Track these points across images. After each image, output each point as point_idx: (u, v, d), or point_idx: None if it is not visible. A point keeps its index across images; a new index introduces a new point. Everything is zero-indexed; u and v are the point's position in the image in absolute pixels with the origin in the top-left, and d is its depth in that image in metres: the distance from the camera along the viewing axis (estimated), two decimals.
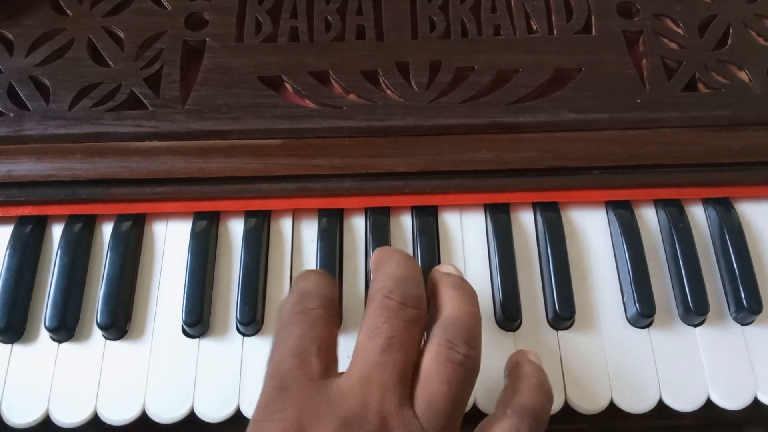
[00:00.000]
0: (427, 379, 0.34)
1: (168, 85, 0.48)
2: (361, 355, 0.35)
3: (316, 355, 0.35)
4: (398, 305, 0.36)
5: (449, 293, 0.38)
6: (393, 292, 0.36)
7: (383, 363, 0.34)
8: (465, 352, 0.35)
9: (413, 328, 0.36)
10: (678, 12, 0.52)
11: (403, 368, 0.34)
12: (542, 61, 0.50)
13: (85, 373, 0.43)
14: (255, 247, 0.46)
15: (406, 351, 0.35)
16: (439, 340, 0.36)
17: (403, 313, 0.36)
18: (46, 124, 0.47)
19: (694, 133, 0.48)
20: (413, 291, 0.37)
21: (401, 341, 0.35)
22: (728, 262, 0.45)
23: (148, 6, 0.52)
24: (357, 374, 0.34)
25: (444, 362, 0.35)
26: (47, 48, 0.50)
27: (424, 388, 0.34)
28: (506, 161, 0.47)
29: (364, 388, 0.33)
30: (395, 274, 0.38)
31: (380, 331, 0.35)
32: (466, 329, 0.36)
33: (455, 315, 0.37)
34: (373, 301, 0.37)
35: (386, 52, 0.50)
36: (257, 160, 0.46)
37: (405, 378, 0.34)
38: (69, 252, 0.46)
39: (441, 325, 0.36)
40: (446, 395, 0.34)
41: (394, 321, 0.35)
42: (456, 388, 0.34)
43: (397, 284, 0.37)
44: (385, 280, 0.37)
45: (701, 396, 0.43)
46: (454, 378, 0.34)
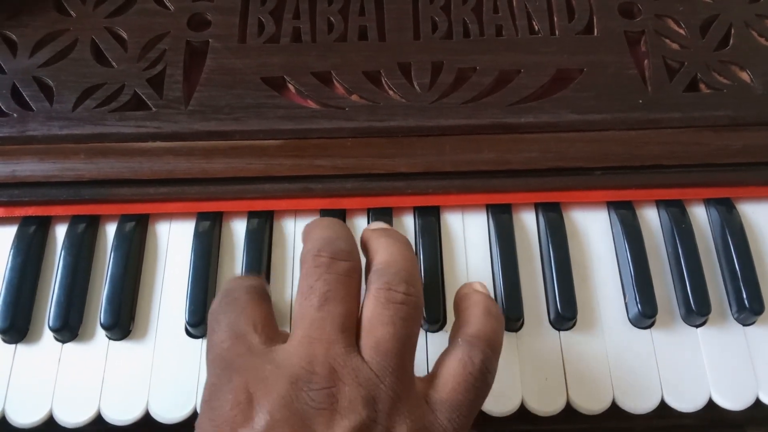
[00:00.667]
0: (370, 324, 0.34)
1: (171, 85, 0.49)
2: (300, 317, 0.35)
3: (254, 331, 0.35)
4: (329, 260, 0.36)
5: (380, 242, 0.38)
6: (322, 250, 0.36)
7: (322, 318, 0.34)
8: (405, 290, 0.35)
9: (347, 279, 0.36)
10: (680, 12, 0.52)
11: (344, 319, 0.34)
12: (544, 61, 0.50)
13: (88, 373, 0.43)
14: (257, 247, 0.46)
15: (343, 302, 0.35)
16: (376, 285, 0.36)
17: (335, 267, 0.36)
18: (50, 125, 0.47)
19: (696, 133, 0.48)
20: (342, 245, 0.37)
21: (337, 294, 0.35)
22: (730, 263, 0.46)
23: (151, 7, 0.52)
24: (298, 335, 0.34)
25: (385, 304, 0.35)
26: (50, 49, 0.50)
27: (368, 334, 0.34)
28: (508, 162, 0.47)
29: (308, 346, 0.33)
30: (323, 235, 0.38)
31: (314, 289, 0.35)
32: (402, 270, 0.36)
33: (388, 259, 0.37)
34: (304, 263, 0.37)
35: (388, 53, 0.50)
36: (260, 160, 0.47)
37: (348, 328, 0.34)
38: (72, 252, 0.46)
39: (376, 272, 0.36)
40: (392, 336, 0.34)
41: (326, 276, 0.35)
42: (401, 327, 0.34)
43: (325, 243, 0.37)
44: (312, 242, 0.37)
45: (703, 396, 0.43)
46: (398, 317, 0.34)
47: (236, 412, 0.32)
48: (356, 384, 0.32)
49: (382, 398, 0.33)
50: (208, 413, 0.33)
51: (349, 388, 0.32)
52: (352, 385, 0.32)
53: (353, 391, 0.32)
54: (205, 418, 0.33)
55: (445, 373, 0.35)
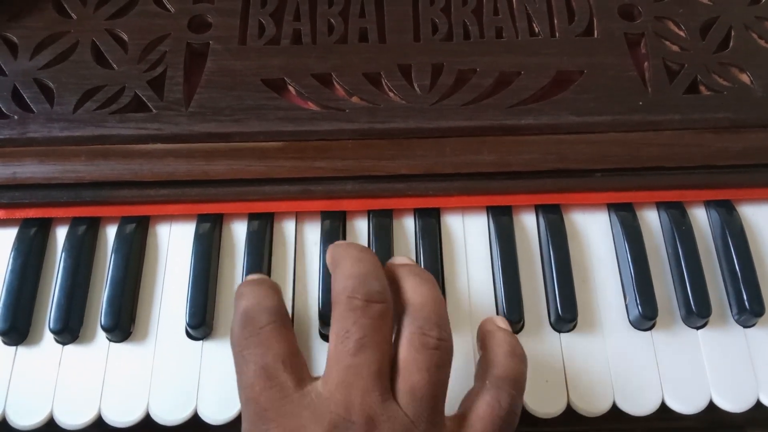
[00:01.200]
0: (405, 369, 0.35)
1: (171, 87, 0.49)
2: (335, 361, 0.35)
3: (283, 370, 0.35)
4: (363, 303, 0.36)
5: (409, 282, 0.38)
6: (356, 291, 0.36)
7: (358, 365, 0.34)
8: (438, 335, 0.36)
9: (382, 323, 0.36)
10: (680, 14, 0.52)
11: (379, 366, 0.35)
12: (544, 63, 0.50)
13: (89, 375, 0.43)
14: (258, 249, 0.46)
15: (378, 348, 0.35)
16: (410, 329, 0.36)
17: (370, 311, 0.36)
18: (50, 127, 0.47)
19: (696, 135, 0.48)
20: (376, 286, 0.37)
21: (372, 340, 0.35)
22: (730, 264, 0.46)
23: (152, 9, 0.52)
24: (334, 380, 0.34)
25: (419, 349, 0.35)
26: (51, 50, 0.50)
27: (404, 379, 0.35)
28: (508, 163, 0.47)
29: (344, 392, 0.34)
30: (354, 272, 0.37)
31: (350, 334, 0.35)
32: (434, 314, 0.37)
33: (420, 302, 0.37)
34: (337, 304, 0.37)
35: (388, 55, 0.50)
36: (260, 162, 0.47)
37: (382, 375, 0.35)
38: (73, 254, 0.46)
39: (409, 315, 0.37)
40: (427, 381, 0.34)
41: (362, 321, 0.35)
42: (435, 372, 0.35)
43: (358, 282, 0.37)
44: (345, 281, 0.37)
45: (704, 398, 0.43)
46: (432, 363, 0.35)
47: None
48: (392, 430, 0.33)
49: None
50: None
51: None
52: (389, 430, 0.33)
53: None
54: None
55: (473, 415, 0.36)
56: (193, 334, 0.44)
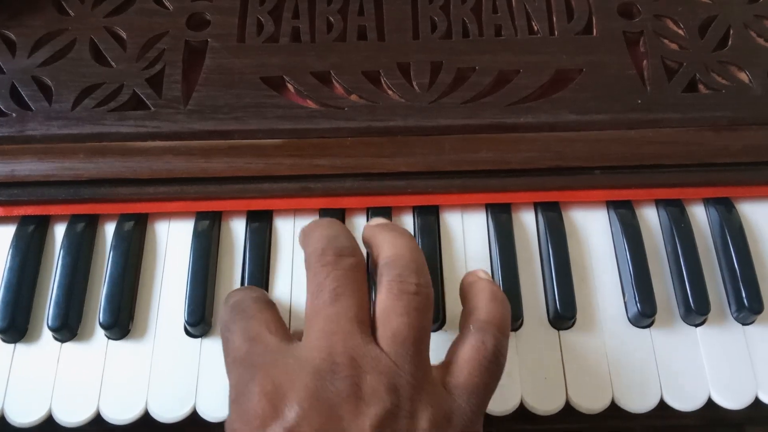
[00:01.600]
0: (385, 315, 0.35)
1: (170, 85, 0.49)
2: (313, 314, 0.36)
3: (269, 332, 0.36)
4: (334, 258, 0.37)
5: (384, 236, 0.39)
6: (327, 249, 0.37)
7: (336, 312, 0.35)
8: (416, 281, 0.36)
9: (355, 274, 0.37)
10: (679, 13, 0.52)
11: (358, 311, 0.35)
12: (543, 61, 0.50)
13: (87, 372, 0.43)
14: (257, 246, 0.46)
15: (355, 296, 0.36)
16: (388, 278, 0.36)
17: (341, 263, 0.37)
18: (49, 125, 0.47)
19: (695, 133, 0.48)
20: (345, 242, 0.38)
21: (347, 289, 0.36)
22: (729, 262, 0.46)
23: (150, 6, 0.52)
24: (315, 330, 0.35)
25: (398, 295, 0.36)
26: (50, 48, 0.50)
27: (384, 325, 0.35)
28: (507, 161, 0.47)
29: (326, 338, 0.34)
30: (323, 233, 0.39)
31: (323, 287, 0.36)
32: (411, 262, 0.37)
33: (397, 252, 0.38)
34: (310, 264, 0.38)
35: (387, 53, 0.50)
36: (259, 160, 0.47)
37: (362, 320, 0.35)
38: (71, 252, 0.46)
39: (386, 265, 0.37)
40: (408, 325, 0.35)
41: (334, 273, 0.36)
42: (416, 316, 0.35)
43: (328, 241, 0.38)
44: (314, 243, 0.38)
45: (702, 395, 0.43)
46: (412, 307, 0.35)
47: (264, 405, 0.32)
48: (377, 372, 0.33)
49: (404, 385, 0.33)
50: (237, 412, 0.34)
51: (370, 377, 0.33)
52: (373, 373, 0.33)
53: (375, 380, 0.33)
54: (235, 418, 0.33)
55: (460, 359, 0.36)
56: (192, 332, 0.44)
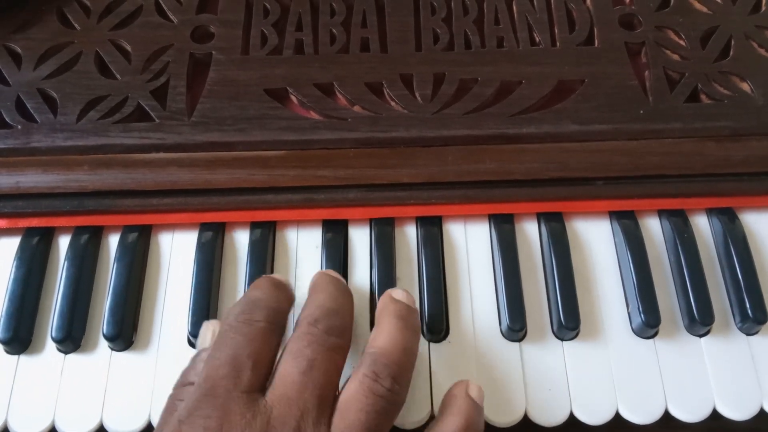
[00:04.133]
0: (346, 407, 0.35)
1: (174, 97, 0.49)
2: (284, 375, 0.36)
3: (251, 369, 0.36)
4: (321, 333, 0.37)
5: (389, 321, 0.39)
6: (319, 321, 0.38)
7: (304, 383, 0.35)
8: (389, 386, 0.36)
9: (334, 355, 0.37)
10: (680, 24, 0.52)
11: (323, 390, 0.35)
12: (545, 72, 0.50)
13: (91, 384, 0.43)
14: (260, 257, 0.46)
15: (326, 374, 0.36)
16: (365, 371, 0.36)
17: (326, 340, 0.37)
18: (54, 137, 0.47)
19: (697, 143, 0.48)
20: (337, 322, 0.38)
21: (322, 365, 0.36)
22: (733, 272, 0.45)
23: (155, 19, 0.52)
24: (278, 393, 0.35)
25: (366, 392, 0.35)
26: (55, 61, 0.50)
27: (342, 416, 0.35)
28: (510, 172, 0.47)
29: (285, 406, 0.34)
30: (324, 304, 0.39)
31: (302, 354, 0.36)
32: (395, 364, 0.37)
33: (388, 347, 0.37)
34: (298, 327, 0.38)
35: (390, 65, 0.50)
36: (263, 171, 0.47)
37: (324, 400, 0.35)
38: (76, 263, 0.46)
39: (371, 355, 0.37)
40: (363, 425, 0.34)
41: (315, 346, 0.36)
42: (374, 418, 0.35)
43: (323, 314, 0.38)
44: (312, 309, 0.39)
45: (707, 406, 0.43)
46: (373, 409, 0.35)
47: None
48: None
49: None
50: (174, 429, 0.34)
51: None
52: None
53: None
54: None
55: None
56: (195, 343, 0.44)
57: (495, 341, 0.44)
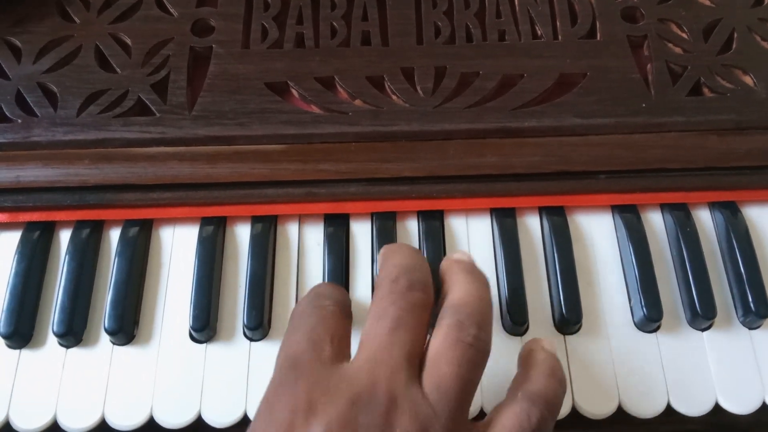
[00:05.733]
0: (436, 360, 0.34)
1: (175, 91, 0.49)
2: (369, 337, 0.35)
3: (329, 342, 0.36)
4: (404, 289, 0.36)
5: (460, 277, 0.38)
6: (399, 278, 0.37)
7: (391, 343, 0.34)
8: (475, 333, 0.35)
9: (420, 311, 0.36)
10: (682, 17, 0.52)
11: (411, 348, 0.35)
12: (547, 66, 0.50)
13: (92, 378, 0.43)
14: (261, 252, 0.46)
15: (413, 332, 0.35)
16: (448, 322, 0.36)
17: (410, 296, 0.36)
18: (54, 131, 0.47)
19: (700, 137, 0.48)
20: (419, 276, 0.37)
21: (408, 322, 0.35)
22: (735, 266, 0.45)
23: (155, 13, 0.52)
24: (365, 355, 0.35)
25: (454, 343, 0.35)
26: (55, 55, 0.50)
27: (432, 370, 0.34)
28: (512, 166, 0.47)
29: (373, 368, 0.34)
30: (402, 262, 0.38)
31: (387, 313, 0.35)
32: (477, 312, 0.36)
33: (465, 298, 0.37)
34: (379, 287, 0.37)
35: (391, 58, 0.50)
36: (264, 165, 0.47)
37: (413, 358, 0.34)
38: (77, 257, 0.46)
39: (450, 308, 0.36)
40: (456, 376, 0.34)
41: (400, 303, 0.36)
42: (466, 369, 0.34)
43: (403, 271, 0.37)
44: (391, 268, 0.38)
45: (709, 400, 0.43)
46: (465, 359, 0.34)
47: (295, 417, 0.32)
48: (413, 415, 0.32)
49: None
50: (267, 409, 0.34)
51: (405, 418, 0.32)
52: (409, 415, 0.32)
53: (408, 422, 0.32)
54: (266, 413, 0.33)
55: (499, 424, 0.35)
56: (197, 337, 0.44)
57: (497, 336, 0.44)
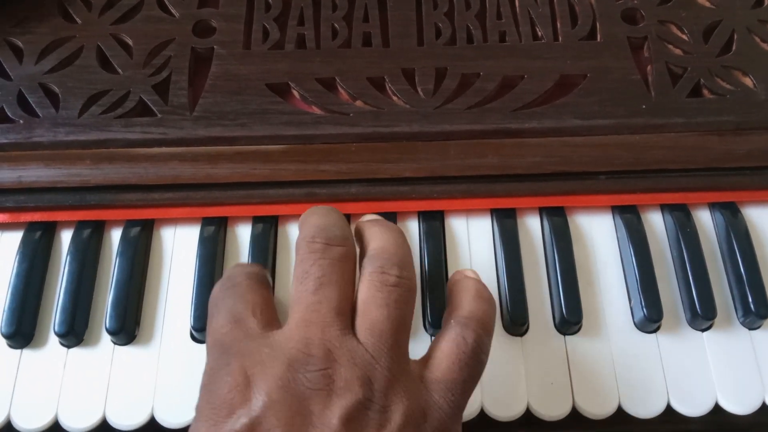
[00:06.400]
0: (364, 306, 0.35)
1: (176, 92, 0.49)
2: (296, 301, 0.35)
3: (252, 315, 0.36)
4: (323, 246, 0.36)
5: (373, 230, 0.39)
6: (316, 237, 0.37)
7: (318, 302, 0.35)
8: (398, 273, 0.36)
9: (342, 264, 0.36)
10: (682, 18, 0.52)
11: (339, 302, 0.35)
12: (547, 67, 0.50)
13: (93, 378, 0.43)
14: (262, 252, 0.46)
15: (338, 286, 0.35)
16: (370, 269, 0.36)
17: (329, 253, 0.36)
18: (56, 131, 0.47)
19: (700, 138, 0.48)
20: (337, 232, 0.38)
21: (331, 278, 0.35)
22: (735, 267, 0.45)
23: (157, 14, 0.52)
24: (295, 318, 0.35)
25: (379, 287, 0.35)
26: (56, 55, 0.50)
27: (363, 316, 0.35)
28: (512, 166, 0.47)
29: (304, 328, 0.34)
30: (317, 222, 0.38)
31: (309, 274, 0.36)
32: (394, 255, 0.37)
33: (381, 245, 0.38)
34: (299, 249, 0.37)
35: (392, 59, 0.50)
36: (264, 165, 0.47)
37: (343, 311, 0.35)
38: (78, 257, 0.46)
39: (369, 258, 0.37)
40: (387, 317, 0.35)
41: (321, 261, 0.36)
42: (395, 308, 0.35)
43: (320, 230, 0.37)
44: (308, 229, 0.38)
45: (709, 401, 0.43)
46: (392, 299, 0.35)
47: (234, 394, 0.32)
48: (352, 365, 0.33)
49: (378, 378, 0.33)
50: (206, 396, 0.34)
51: (344, 369, 0.33)
52: (348, 365, 0.33)
53: (349, 372, 0.33)
54: (204, 401, 0.33)
55: (438, 353, 0.36)
56: (198, 337, 0.44)
57: (497, 335, 0.44)
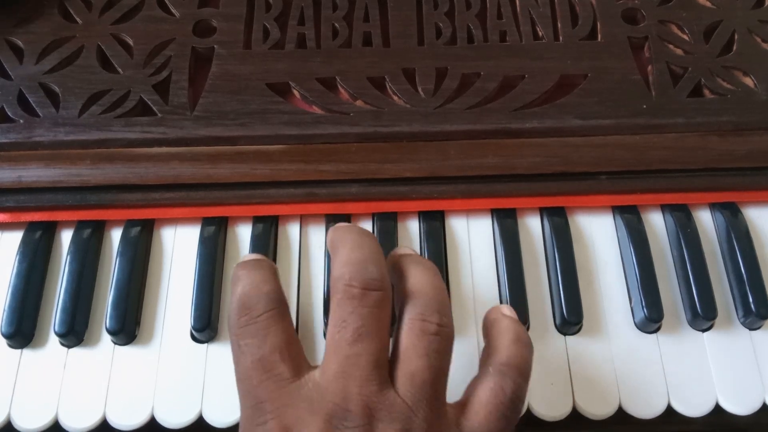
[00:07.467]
0: (404, 355, 0.35)
1: (176, 91, 0.49)
2: (333, 351, 0.35)
3: (281, 361, 0.35)
4: (360, 292, 0.35)
5: (411, 270, 0.38)
6: (353, 279, 0.36)
7: (356, 354, 0.34)
8: (438, 321, 0.35)
9: (380, 312, 0.35)
10: (683, 18, 0.52)
11: (377, 355, 0.34)
12: (548, 67, 0.50)
13: (94, 378, 0.43)
14: (262, 252, 0.46)
15: (376, 337, 0.35)
16: (410, 316, 0.36)
17: (368, 300, 0.35)
18: (56, 131, 0.47)
19: (700, 138, 0.48)
20: (374, 273, 0.36)
21: (370, 329, 0.35)
22: (736, 267, 0.45)
23: (157, 13, 0.52)
24: (332, 369, 0.34)
25: (419, 335, 0.35)
26: (57, 55, 0.50)
27: (403, 366, 0.34)
28: (513, 166, 0.47)
29: (342, 382, 0.34)
30: (352, 258, 0.36)
31: (347, 323, 0.35)
32: (434, 300, 0.36)
33: (421, 289, 0.37)
34: (335, 293, 0.36)
35: (393, 59, 0.50)
36: (265, 165, 0.47)
37: (380, 364, 0.34)
38: (78, 257, 0.46)
39: (409, 302, 0.36)
40: (426, 367, 0.34)
41: (359, 310, 0.35)
42: (435, 358, 0.35)
43: (356, 270, 0.36)
44: (342, 267, 0.36)
45: (709, 401, 0.43)
46: (432, 349, 0.35)
47: None
48: (390, 419, 0.33)
49: (416, 430, 0.33)
50: None
51: (383, 425, 0.33)
52: (387, 420, 0.33)
53: (387, 427, 0.32)
54: None
55: (476, 401, 0.35)
56: (198, 337, 0.44)
57: None
